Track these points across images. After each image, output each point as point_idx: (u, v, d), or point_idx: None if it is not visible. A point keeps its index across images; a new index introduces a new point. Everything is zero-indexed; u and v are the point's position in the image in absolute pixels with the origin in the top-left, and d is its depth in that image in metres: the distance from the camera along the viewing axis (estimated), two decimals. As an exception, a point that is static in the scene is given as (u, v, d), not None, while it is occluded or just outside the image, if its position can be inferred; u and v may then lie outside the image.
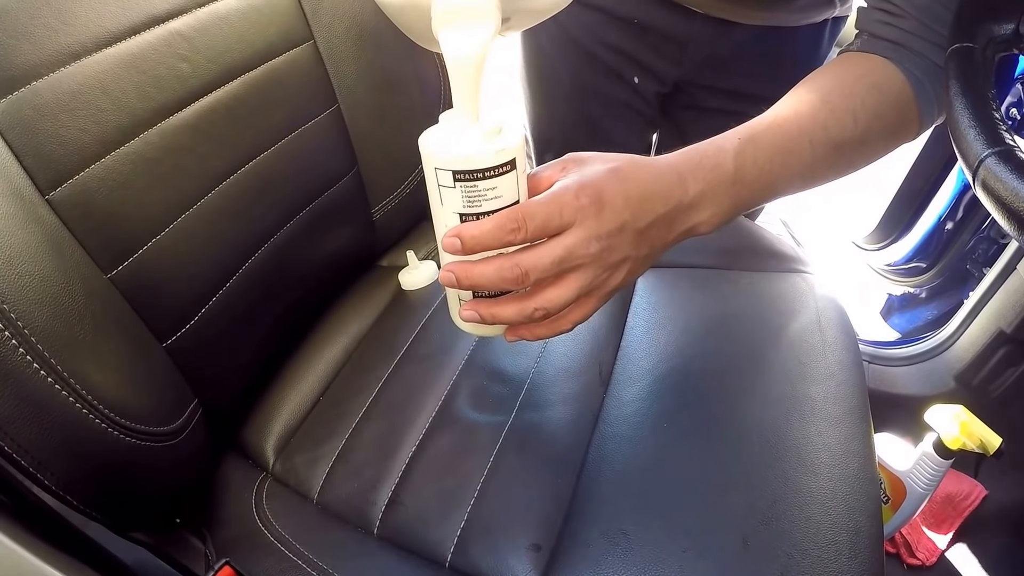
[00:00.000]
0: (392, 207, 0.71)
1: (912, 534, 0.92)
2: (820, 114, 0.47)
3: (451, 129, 0.41)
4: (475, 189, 0.39)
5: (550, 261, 0.39)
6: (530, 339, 0.44)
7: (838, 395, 0.54)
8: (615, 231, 0.40)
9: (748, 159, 0.45)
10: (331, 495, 0.53)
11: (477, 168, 0.39)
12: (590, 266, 0.41)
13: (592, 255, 0.40)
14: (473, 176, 0.39)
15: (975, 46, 0.40)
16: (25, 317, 0.38)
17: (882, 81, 0.49)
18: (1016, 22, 0.40)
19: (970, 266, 1.11)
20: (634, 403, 0.55)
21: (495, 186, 0.40)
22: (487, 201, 0.40)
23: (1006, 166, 0.32)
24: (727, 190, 0.44)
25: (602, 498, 0.48)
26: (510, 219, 0.38)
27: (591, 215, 0.39)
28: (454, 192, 0.40)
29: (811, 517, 0.46)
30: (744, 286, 0.66)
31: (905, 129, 0.51)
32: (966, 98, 0.37)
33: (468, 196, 0.40)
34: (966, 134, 0.35)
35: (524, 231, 0.39)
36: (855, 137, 0.48)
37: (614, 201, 0.40)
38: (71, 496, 0.42)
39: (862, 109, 0.48)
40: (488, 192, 0.40)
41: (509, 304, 0.42)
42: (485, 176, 0.39)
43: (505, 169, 0.39)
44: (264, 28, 0.55)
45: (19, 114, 0.40)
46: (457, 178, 0.39)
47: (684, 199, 0.43)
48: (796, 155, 0.46)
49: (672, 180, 0.43)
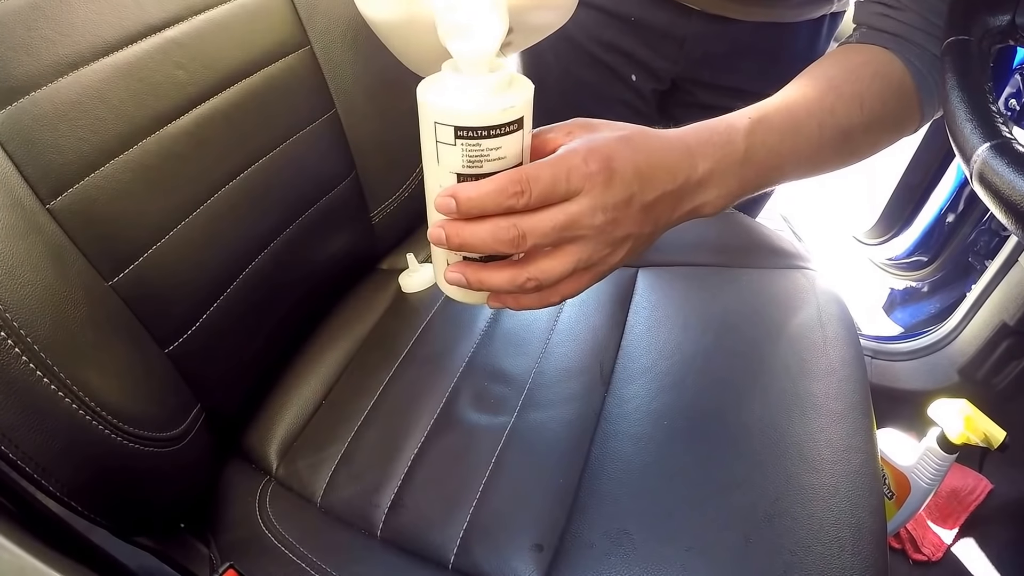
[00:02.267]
0: (391, 210, 0.72)
1: (917, 529, 0.92)
2: (828, 98, 0.46)
3: (455, 79, 0.36)
4: (478, 148, 0.36)
5: (551, 227, 0.36)
6: (514, 308, 0.41)
7: (840, 391, 0.54)
8: (622, 203, 0.37)
9: (759, 140, 0.43)
10: (334, 498, 0.53)
11: (483, 126, 0.35)
12: (592, 239, 0.38)
13: (596, 227, 0.37)
14: (477, 134, 0.35)
15: (971, 38, 0.40)
16: (27, 325, 0.38)
17: (885, 69, 0.48)
18: (1012, 13, 0.39)
19: (972, 259, 1.11)
20: (635, 401, 0.55)
21: (499, 146, 0.36)
22: (489, 162, 0.36)
23: (1002, 159, 0.32)
24: (737, 170, 0.42)
25: (604, 497, 0.48)
26: (513, 181, 0.35)
27: (599, 183, 0.36)
28: (454, 150, 0.36)
29: (814, 514, 0.46)
30: (744, 283, 0.65)
31: (908, 119, 0.50)
32: (962, 91, 0.37)
33: (469, 155, 0.36)
34: (962, 127, 0.35)
35: (528, 195, 0.35)
36: (861, 123, 0.47)
37: (624, 171, 0.37)
38: (75, 502, 0.43)
39: (868, 95, 0.47)
40: (491, 152, 0.36)
41: (500, 270, 0.38)
42: (490, 135, 0.35)
43: (512, 128, 0.36)
44: (260, 34, 0.55)
45: (18, 125, 0.40)
46: (459, 135, 0.35)
47: (693, 176, 0.41)
48: (805, 138, 0.45)
49: (681, 154, 0.40)
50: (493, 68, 0.37)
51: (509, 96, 0.36)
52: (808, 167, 0.48)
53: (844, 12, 0.77)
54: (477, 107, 0.35)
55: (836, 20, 0.77)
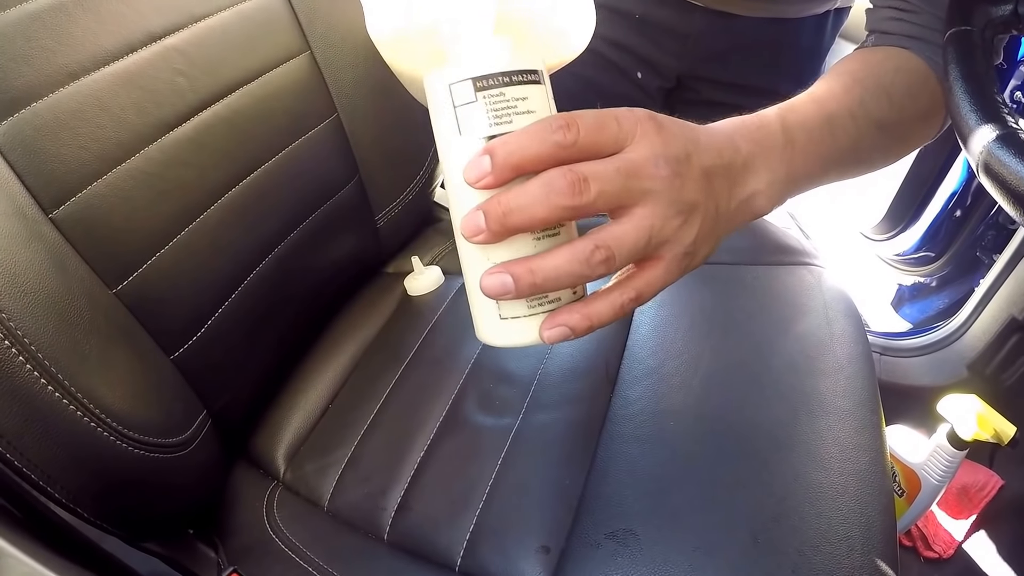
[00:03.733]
0: (396, 213, 0.72)
1: (928, 527, 0.91)
2: (854, 91, 0.44)
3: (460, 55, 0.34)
4: (502, 98, 0.32)
5: (614, 168, 0.30)
6: (579, 330, 0.34)
7: (847, 388, 0.54)
8: (683, 157, 0.33)
9: (794, 124, 0.40)
10: (341, 502, 0.53)
11: (502, 71, 0.31)
12: (661, 194, 0.32)
13: (663, 177, 0.32)
14: (498, 81, 0.31)
15: (973, 28, 0.39)
16: (31, 334, 0.38)
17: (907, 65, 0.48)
18: (1014, 2, 0.39)
19: (980, 253, 1.10)
20: (641, 402, 0.54)
21: (525, 95, 0.32)
22: (518, 115, 0.32)
23: (1009, 150, 0.31)
24: (780, 154, 0.39)
25: (611, 498, 0.48)
26: (556, 118, 0.30)
27: (651, 130, 0.32)
28: (476, 108, 0.32)
29: (822, 513, 0.45)
30: (750, 281, 0.65)
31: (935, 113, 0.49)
32: (966, 82, 0.36)
33: (495, 108, 0.32)
34: (967, 118, 0.35)
35: (575, 129, 0.30)
36: (892, 118, 0.46)
37: (672, 127, 0.33)
38: (82, 509, 0.43)
39: (893, 87, 0.46)
40: (519, 104, 0.32)
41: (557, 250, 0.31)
42: (513, 81, 0.32)
43: (534, 77, 0.32)
44: (260, 40, 0.55)
45: (20, 135, 0.40)
46: (479, 86, 0.31)
47: (737, 157, 0.37)
48: (841, 127, 0.43)
49: (722, 137, 0.37)
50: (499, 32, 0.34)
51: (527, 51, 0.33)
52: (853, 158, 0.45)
53: (849, 8, 0.77)
54: (491, 56, 0.32)
55: (841, 15, 0.77)
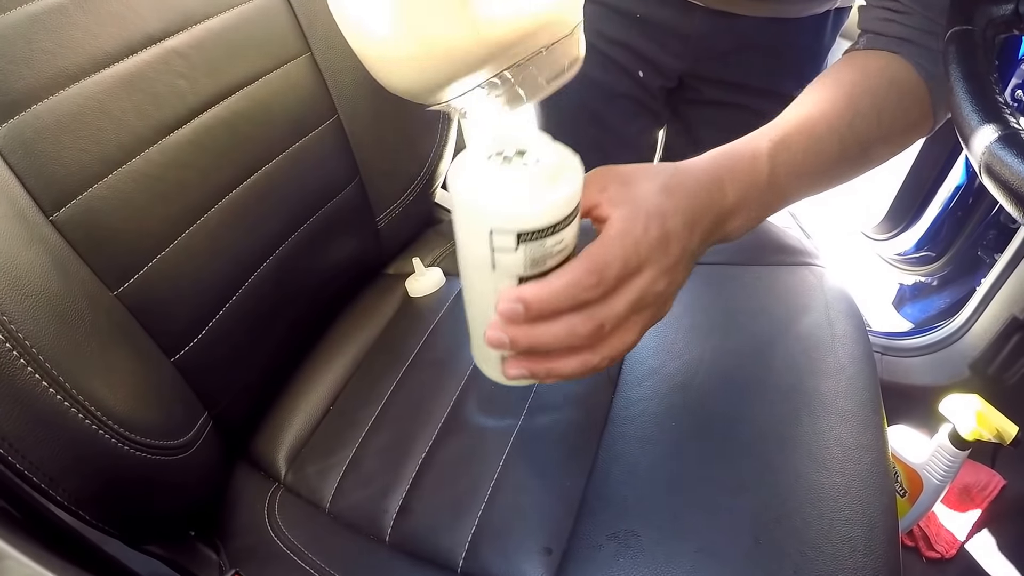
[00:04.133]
0: (397, 214, 0.72)
1: (930, 527, 0.91)
2: (847, 113, 0.45)
3: (499, 171, 0.31)
4: (541, 248, 0.31)
5: (625, 309, 0.34)
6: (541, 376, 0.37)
7: (849, 389, 0.54)
8: (678, 261, 0.36)
9: (782, 164, 0.42)
10: (343, 504, 0.53)
11: (548, 225, 0.30)
12: (654, 304, 0.36)
13: (659, 293, 0.36)
14: (542, 234, 0.30)
15: (974, 28, 0.39)
16: (32, 337, 0.38)
17: (900, 76, 0.48)
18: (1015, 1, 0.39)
19: (981, 252, 1.10)
20: (642, 403, 0.54)
21: (561, 239, 0.31)
22: (551, 258, 0.32)
23: (1011, 150, 0.31)
24: (760, 196, 0.41)
25: (612, 499, 0.48)
26: (588, 272, 0.32)
27: (659, 249, 0.35)
28: (515, 256, 0.31)
29: (824, 514, 0.45)
30: (751, 281, 0.65)
31: (922, 124, 0.50)
32: (967, 82, 0.36)
33: (533, 257, 0.31)
34: (969, 119, 0.35)
35: (604, 285, 0.32)
36: (880, 135, 0.47)
37: (677, 230, 0.36)
38: (83, 511, 0.43)
39: (885, 104, 0.47)
40: (555, 248, 0.32)
41: (572, 357, 0.35)
42: (555, 231, 0.31)
43: (574, 216, 0.32)
44: (260, 42, 0.55)
45: (21, 137, 0.40)
46: (523, 239, 0.30)
47: (724, 207, 0.39)
48: (826, 155, 0.45)
49: (715, 188, 0.39)
50: (534, 149, 0.32)
51: (567, 181, 0.31)
52: (827, 182, 0.47)
53: (849, 8, 0.77)
54: (543, 206, 0.30)
55: (841, 15, 0.77)
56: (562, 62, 0.45)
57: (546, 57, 0.43)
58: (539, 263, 0.32)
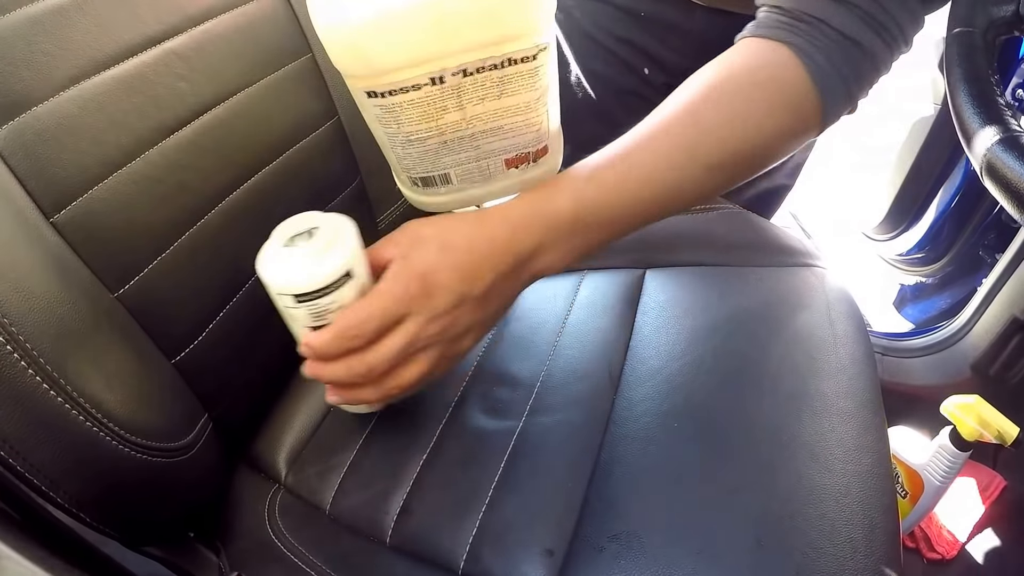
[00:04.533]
0: (397, 216, 0.72)
1: (931, 528, 0.91)
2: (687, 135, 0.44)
3: (284, 251, 0.42)
4: (317, 307, 0.41)
5: (394, 352, 0.41)
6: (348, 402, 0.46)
7: (850, 389, 0.53)
8: (452, 306, 0.41)
9: (589, 203, 0.43)
10: (343, 506, 0.53)
11: (316, 289, 0.40)
12: (435, 344, 0.42)
13: (434, 335, 0.42)
14: (315, 295, 0.41)
15: (975, 30, 0.39)
16: (33, 338, 0.38)
17: (778, 73, 0.45)
18: (1016, 3, 0.39)
19: (982, 252, 1.10)
20: (644, 403, 0.54)
21: (335, 300, 0.41)
22: (331, 313, 0.42)
23: (1012, 152, 0.31)
24: (567, 238, 0.44)
25: (614, 501, 0.48)
26: (347, 329, 0.40)
27: (422, 300, 0.40)
28: (299, 311, 0.42)
29: (825, 514, 0.45)
30: (753, 282, 0.65)
31: (805, 127, 0.47)
32: (968, 84, 0.36)
33: (312, 313, 0.42)
34: (970, 121, 0.35)
35: (362, 337, 0.40)
36: (733, 150, 0.45)
37: (445, 281, 0.41)
38: (84, 513, 0.43)
39: (749, 111, 0.44)
40: (331, 305, 0.41)
41: (364, 388, 0.43)
42: (325, 293, 0.41)
43: (343, 281, 0.41)
44: (261, 43, 0.55)
45: (21, 139, 0.40)
46: (300, 300, 0.41)
47: (523, 252, 0.43)
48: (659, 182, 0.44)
49: (505, 238, 0.42)
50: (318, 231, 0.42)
51: (335, 254, 0.41)
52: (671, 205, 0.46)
53: None
54: (309, 276, 0.40)
55: None
56: (525, 130, 0.44)
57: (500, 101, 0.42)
58: (321, 316, 0.42)
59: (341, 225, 0.43)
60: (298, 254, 0.41)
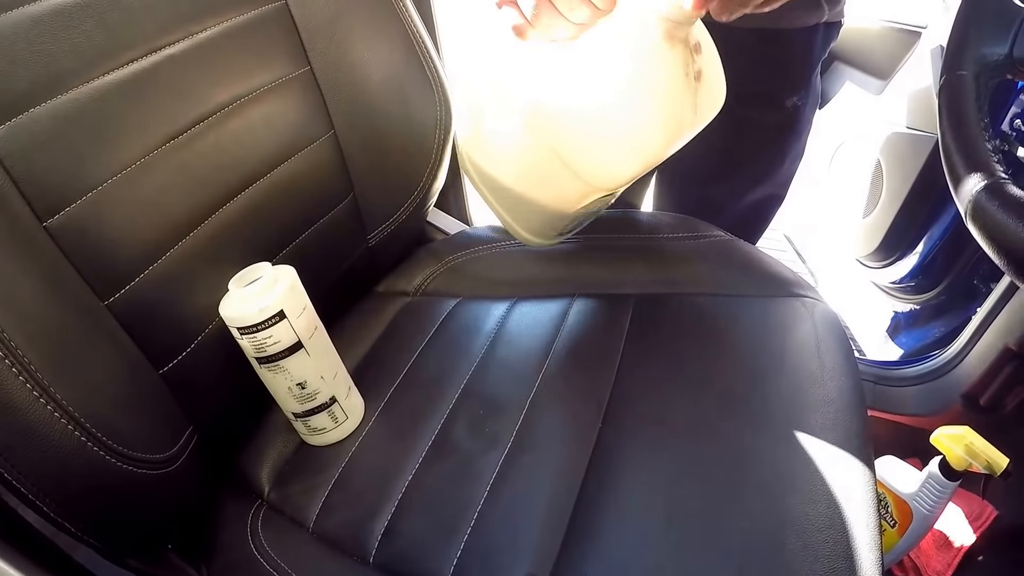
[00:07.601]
0: (389, 232, 0.72)
1: (921, 558, 0.91)
2: None
3: (235, 291, 0.52)
4: (256, 339, 0.50)
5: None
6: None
7: (836, 421, 0.53)
8: None
9: None
10: (328, 524, 0.53)
11: (250, 324, 0.50)
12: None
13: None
14: (252, 330, 0.50)
15: (966, 73, 0.40)
16: (23, 345, 0.38)
17: None
18: (1009, 45, 0.39)
19: (977, 281, 1.10)
20: (631, 432, 0.54)
21: (271, 335, 0.50)
22: (270, 347, 0.51)
23: (993, 201, 0.32)
24: None
25: (599, 527, 0.48)
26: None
27: None
28: (244, 341, 0.51)
29: (808, 545, 0.45)
30: (742, 312, 0.65)
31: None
32: (956, 130, 0.37)
33: (254, 344, 0.51)
34: (956, 166, 0.35)
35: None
36: None
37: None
38: (67, 521, 0.43)
39: None
40: (268, 340, 0.50)
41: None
42: (261, 328, 0.50)
43: (275, 320, 0.50)
44: (261, 53, 0.55)
45: (17, 141, 0.40)
46: (241, 332, 0.50)
47: None
48: None
49: None
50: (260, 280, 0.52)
51: (268, 296, 0.50)
52: None
53: (840, 23, 0.78)
54: (241, 312, 0.50)
55: (832, 30, 0.78)
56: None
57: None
58: (262, 348, 0.51)
59: (282, 275, 0.53)
60: (244, 295, 0.50)
